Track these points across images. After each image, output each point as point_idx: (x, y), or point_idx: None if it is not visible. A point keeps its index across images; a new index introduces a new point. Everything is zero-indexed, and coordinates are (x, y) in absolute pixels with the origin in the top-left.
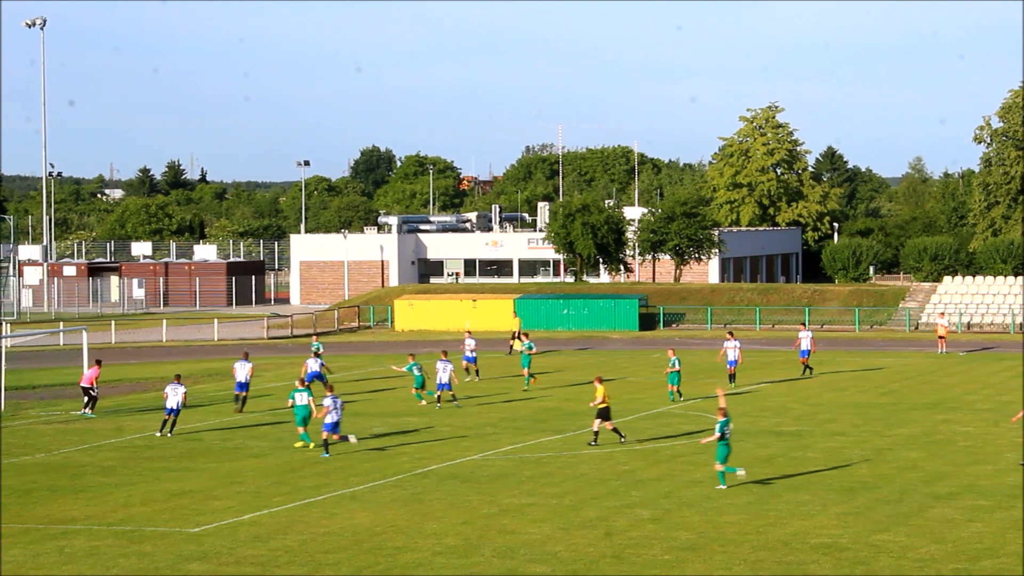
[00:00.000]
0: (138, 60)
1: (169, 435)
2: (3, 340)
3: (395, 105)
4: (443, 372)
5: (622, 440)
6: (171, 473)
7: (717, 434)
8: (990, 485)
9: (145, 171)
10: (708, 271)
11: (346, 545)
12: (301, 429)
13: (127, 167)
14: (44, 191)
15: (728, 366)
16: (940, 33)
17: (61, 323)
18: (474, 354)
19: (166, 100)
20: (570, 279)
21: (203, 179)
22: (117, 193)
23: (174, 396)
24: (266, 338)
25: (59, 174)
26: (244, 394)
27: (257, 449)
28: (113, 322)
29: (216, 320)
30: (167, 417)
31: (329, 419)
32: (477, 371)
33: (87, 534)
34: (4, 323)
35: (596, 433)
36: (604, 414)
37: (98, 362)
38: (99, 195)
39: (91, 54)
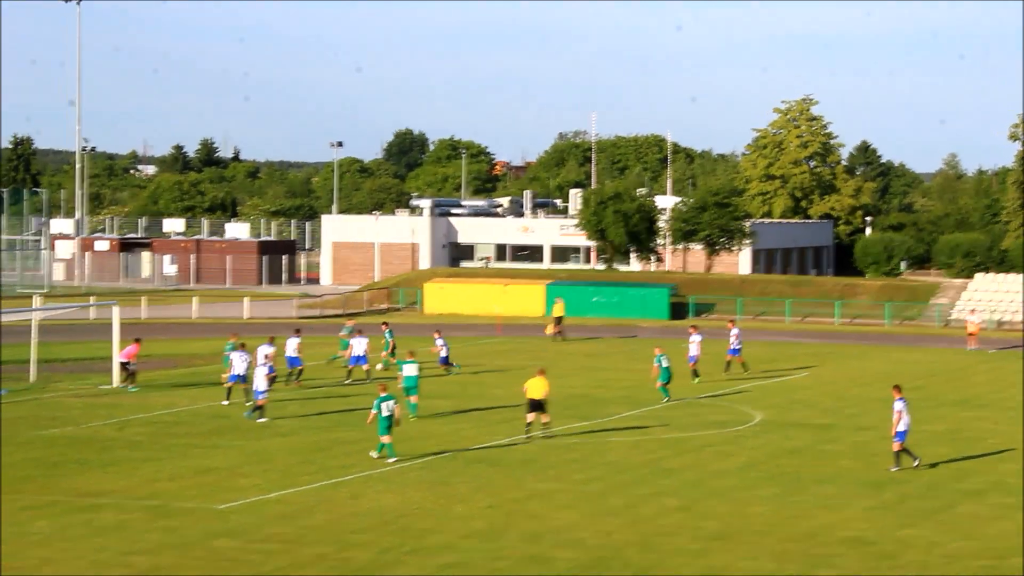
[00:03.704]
0: (173, 39)
1: (248, 405)
2: (34, 313)
3: (429, 88)
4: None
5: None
6: (199, 450)
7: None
8: (1018, 483)
9: (179, 148)
10: (739, 262)
11: (372, 526)
12: (413, 398)
13: (161, 144)
14: (77, 165)
15: (689, 361)
16: (975, 30)
17: (92, 297)
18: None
19: (200, 78)
20: (601, 266)
21: (236, 157)
22: (150, 169)
23: (240, 363)
24: (296, 317)
25: (93, 149)
26: (299, 368)
27: (285, 428)
28: (144, 298)
29: (246, 298)
30: (230, 384)
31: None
32: (449, 367)
33: (115, 508)
34: (35, 296)
35: (529, 424)
36: (538, 406)
37: (137, 340)
38: (132, 171)
39: (126, 31)
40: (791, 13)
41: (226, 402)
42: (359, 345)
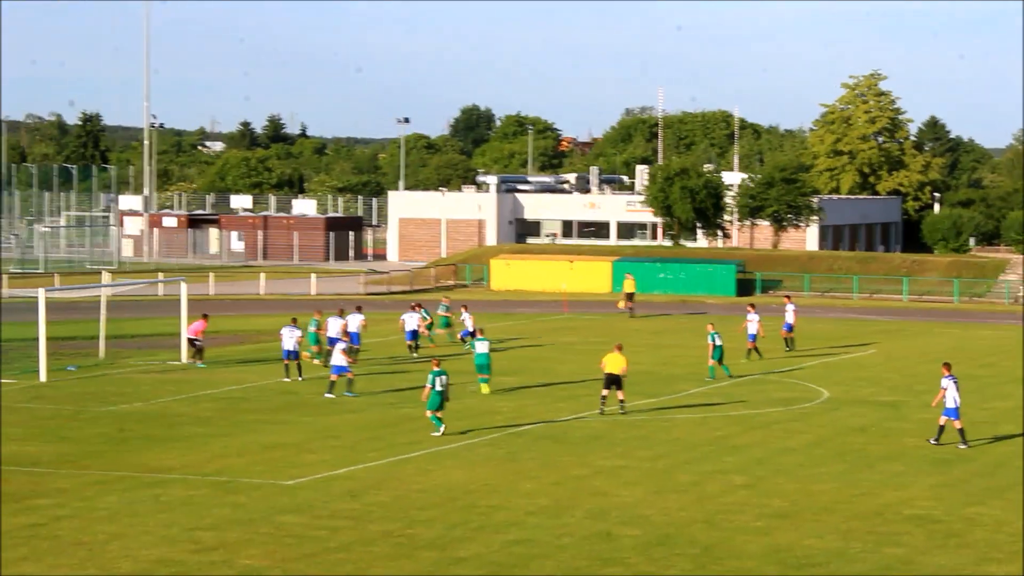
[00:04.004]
0: (242, 15)
1: (297, 379)
2: (103, 289)
3: (496, 64)
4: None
5: (623, 411)
6: (267, 426)
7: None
8: None
9: (246, 124)
10: (806, 238)
11: (439, 502)
12: (485, 375)
13: (228, 120)
14: (146, 142)
15: (749, 340)
16: None
17: (160, 274)
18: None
19: (268, 54)
20: (667, 243)
21: (303, 134)
22: (218, 146)
23: (289, 339)
24: (363, 294)
25: (161, 125)
26: (356, 347)
27: (352, 404)
28: (212, 274)
29: (313, 275)
30: (285, 361)
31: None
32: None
33: (182, 483)
34: (104, 272)
35: (603, 398)
36: (615, 381)
37: (204, 316)
38: (200, 147)
39: (193, 6)
40: None
41: (288, 379)
42: (411, 321)
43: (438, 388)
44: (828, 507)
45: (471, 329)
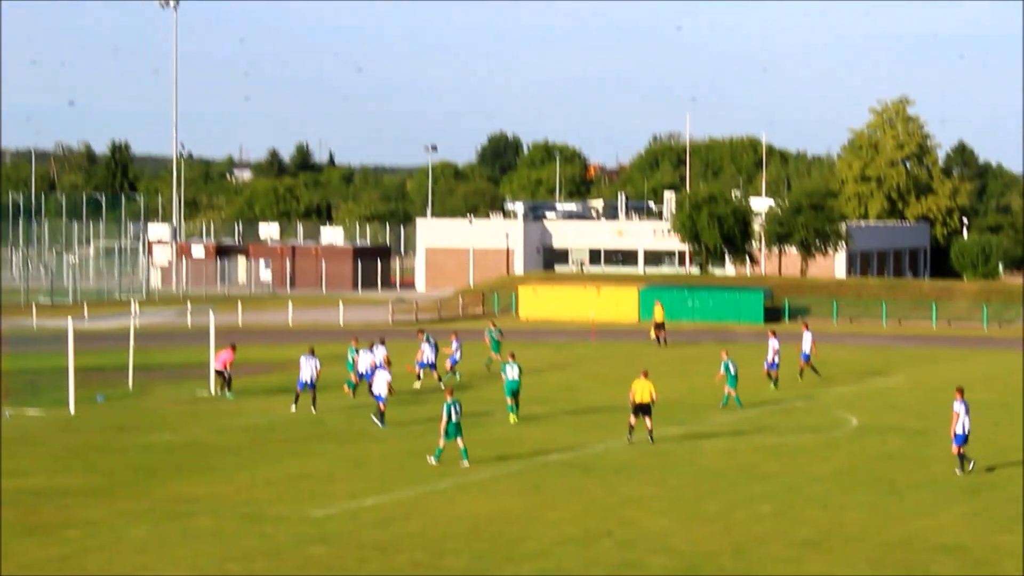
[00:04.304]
0: (266, 43)
1: (309, 409)
2: (132, 319)
3: (523, 92)
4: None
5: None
6: (294, 455)
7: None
8: None
9: (274, 153)
10: (834, 265)
11: (467, 532)
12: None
13: (256, 148)
14: (174, 171)
15: (771, 368)
16: None
17: (189, 303)
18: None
19: (295, 82)
20: (695, 270)
21: (331, 162)
22: (246, 174)
23: (307, 368)
24: (391, 322)
25: (189, 154)
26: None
27: (380, 434)
28: (240, 303)
29: (342, 303)
30: (299, 391)
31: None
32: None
33: (210, 514)
34: (133, 302)
35: (631, 428)
36: (644, 410)
37: (232, 346)
38: (228, 176)
39: (220, 36)
40: (886, 12)
41: (294, 409)
42: (428, 352)
43: (454, 418)
44: (857, 536)
45: (458, 359)
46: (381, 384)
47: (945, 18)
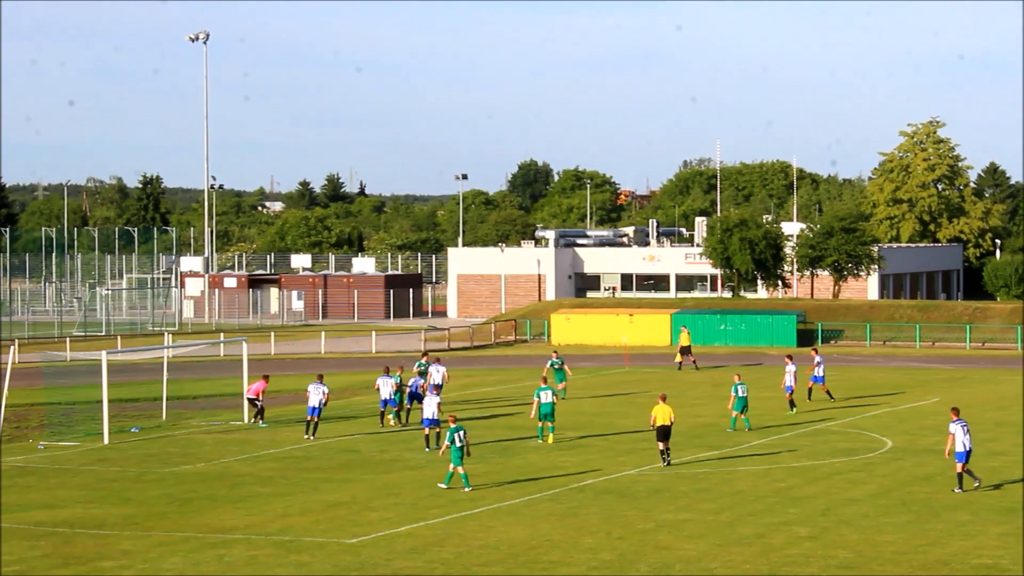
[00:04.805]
0: (298, 73)
1: (311, 438)
2: (165, 350)
3: (553, 119)
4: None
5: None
6: (329, 484)
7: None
8: None
9: (305, 184)
10: (867, 287)
11: (502, 559)
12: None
13: (287, 180)
14: (206, 203)
15: (786, 391)
16: None
17: (222, 334)
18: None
19: (326, 113)
20: (727, 294)
21: (362, 192)
22: (277, 206)
23: (315, 395)
24: (423, 351)
25: (221, 186)
26: (382, 410)
27: (414, 461)
28: (272, 333)
29: (374, 332)
30: (309, 418)
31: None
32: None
33: (246, 543)
34: (166, 333)
35: (662, 452)
36: (666, 433)
37: (265, 377)
38: (260, 207)
39: (252, 68)
40: (916, 35)
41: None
42: (436, 374)
43: (458, 444)
44: (894, 558)
45: (439, 383)
46: (431, 408)
47: (972, 39)
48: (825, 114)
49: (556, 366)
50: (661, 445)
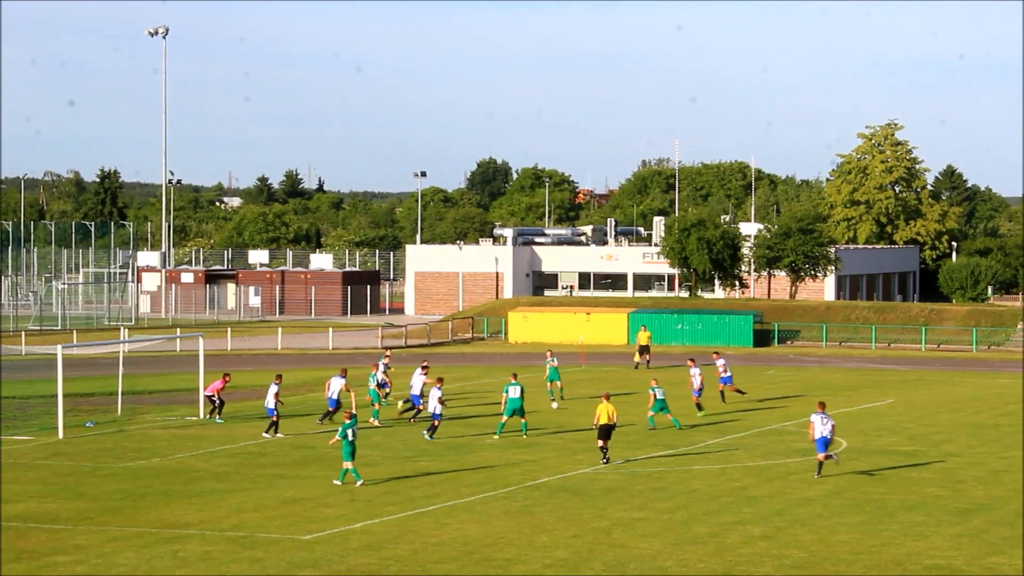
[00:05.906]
0: (258, 68)
1: (269, 436)
2: (121, 345)
3: (513, 117)
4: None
5: (604, 462)
6: (284, 480)
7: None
8: None
9: (263, 180)
10: (824, 288)
11: (456, 556)
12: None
13: (246, 175)
14: (164, 198)
15: (694, 395)
16: None
17: (178, 329)
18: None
19: (284, 109)
20: (685, 294)
21: (320, 188)
22: (235, 201)
23: (336, 386)
24: (380, 348)
25: (179, 182)
26: (332, 409)
27: (369, 458)
28: (229, 329)
29: (331, 329)
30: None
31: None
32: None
33: (200, 539)
34: (122, 328)
35: (602, 450)
36: (608, 432)
37: (226, 375)
38: (217, 203)
39: (211, 62)
40: (875, 39)
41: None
42: (336, 385)
43: (350, 438)
44: (847, 558)
45: (419, 392)
46: (434, 401)
47: (933, 44)
48: (783, 115)
49: (552, 365)
50: (601, 443)
